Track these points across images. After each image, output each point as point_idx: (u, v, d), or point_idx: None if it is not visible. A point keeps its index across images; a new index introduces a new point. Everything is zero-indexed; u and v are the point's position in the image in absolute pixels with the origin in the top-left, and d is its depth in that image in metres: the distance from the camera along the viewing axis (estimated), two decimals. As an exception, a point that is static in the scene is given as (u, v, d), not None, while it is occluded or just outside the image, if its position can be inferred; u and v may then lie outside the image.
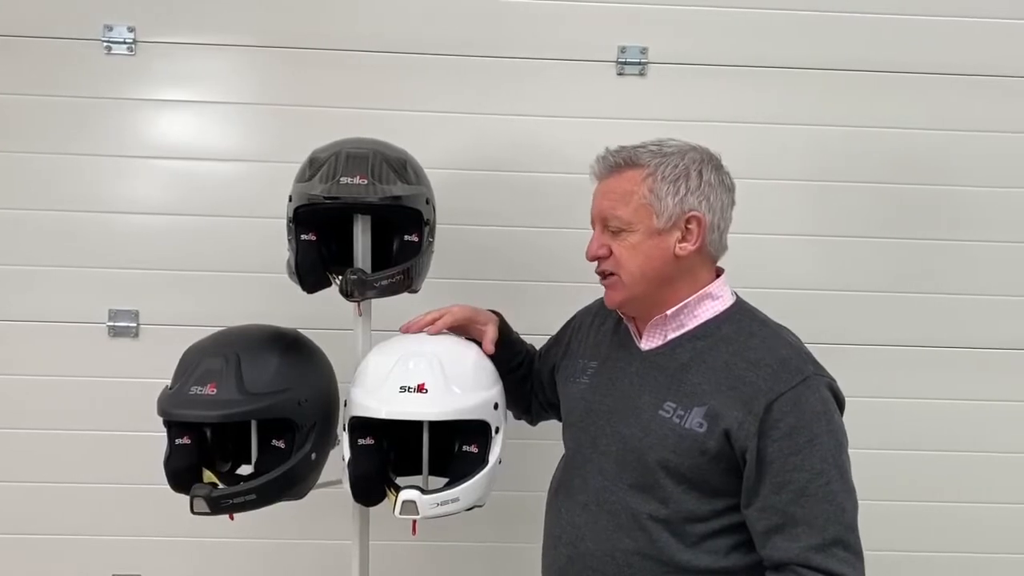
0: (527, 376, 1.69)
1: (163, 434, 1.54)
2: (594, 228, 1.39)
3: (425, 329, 1.56)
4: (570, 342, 1.59)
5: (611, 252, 1.35)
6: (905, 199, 2.20)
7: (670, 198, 1.31)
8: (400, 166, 1.59)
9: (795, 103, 2.17)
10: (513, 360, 1.66)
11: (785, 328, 1.37)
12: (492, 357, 1.58)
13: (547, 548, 1.47)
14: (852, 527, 1.23)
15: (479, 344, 1.59)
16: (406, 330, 1.58)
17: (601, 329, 1.52)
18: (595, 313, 1.57)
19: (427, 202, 1.63)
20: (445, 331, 1.60)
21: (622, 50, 2.14)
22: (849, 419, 1.30)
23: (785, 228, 2.20)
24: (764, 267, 2.16)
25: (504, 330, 1.64)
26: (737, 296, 1.41)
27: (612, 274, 1.36)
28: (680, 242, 1.32)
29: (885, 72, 2.17)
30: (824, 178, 2.19)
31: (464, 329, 1.60)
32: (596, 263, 1.39)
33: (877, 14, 2.15)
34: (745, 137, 2.16)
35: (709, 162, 1.36)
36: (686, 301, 1.35)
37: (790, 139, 2.18)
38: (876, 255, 2.21)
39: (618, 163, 1.35)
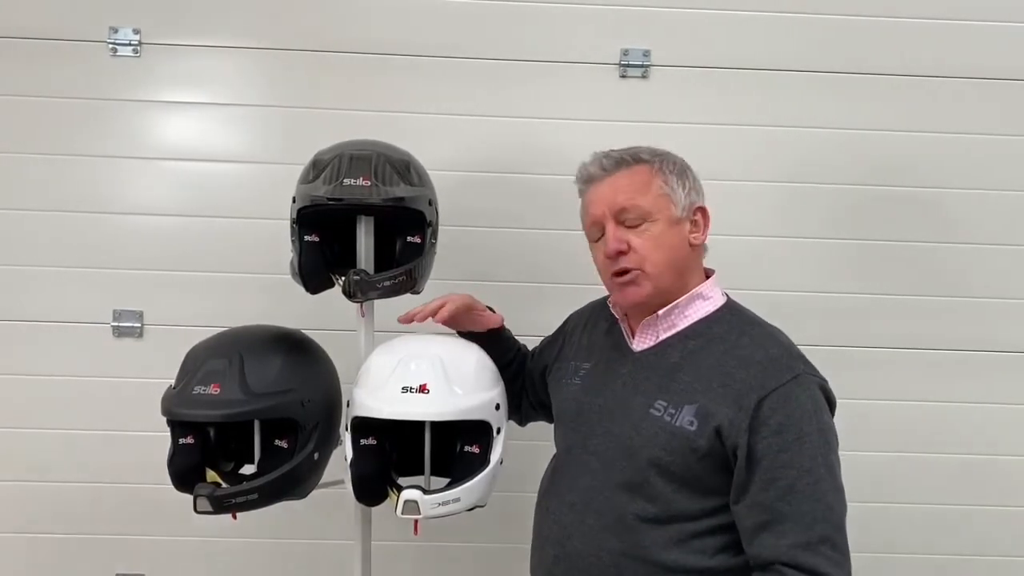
0: (518, 374, 1.69)
1: (167, 434, 1.55)
2: (603, 227, 1.36)
3: (431, 319, 1.56)
4: (563, 344, 1.60)
5: (630, 247, 1.34)
6: (905, 201, 2.19)
7: (681, 189, 1.35)
8: (403, 168, 1.59)
9: (798, 106, 2.17)
10: (505, 357, 1.66)
11: (776, 328, 1.37)
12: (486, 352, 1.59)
13: (535, 548, 1.48)
14: (840, 527, 1.23)
15: (485, 335, 1.61)
16: (407, 321, 1.57)
17: (594, 331, 1.52)
18: (588, 316, 1.58)
19: (430, 203, 1.64)
20: (450, 330, 1.61)
21: (625, 52, 2.15)
22: (842, 422, 1.31)
23: (788, 230, 2.20)
24: (767, 268, 2.17)
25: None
26: (728, 296, 1.42)
27: (632, 270, 1.34)
28: (691, 233, 1.36)
29: (891, 75, 2.17)
30: (827, 180, 2.19)
31: (465, 314, 1.60)
32: (611, 263, 1.35)
33: (885, 17, 2.16)
34: (747, 139, 2.16)
35: (688, 165, 1.41)
36: (677, 301, 1.36)
37: (792, 142, 2.18)
38: (878, 256, 2.21)
39: (625, 159, 1.36)
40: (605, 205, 1.36)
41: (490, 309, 1.67)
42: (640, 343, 1.40)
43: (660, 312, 1.36)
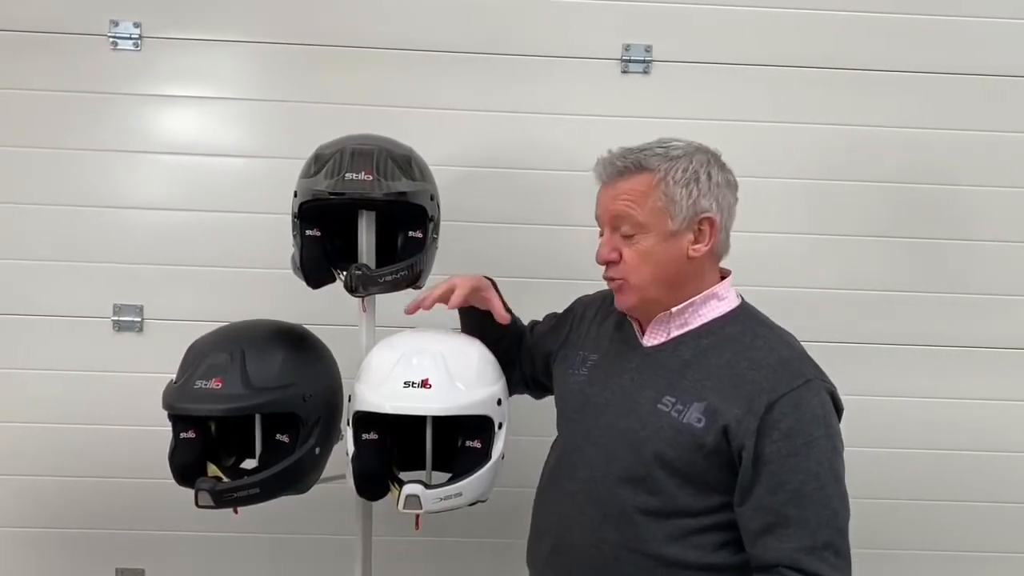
0: (512, 346, 1.65)
1: (168, 428, 1.55)
2: (603, 230, 1.38)
3: (441, 307, 1.53)
4: (571, 331, 1.58)
5: (621, 256, 1.34)
6: (907, 198, 2.20)
7: (684, 201, 1.30)
8: (405, 163, 1.59)
9: (799, 102, 2.17)
10: (497, 331, 1.61)
11: (788, 332, 1.37)
12: (484, 328, 1.57)
13: (532, 539, 1.48)
14: (843, 532, 1.23)
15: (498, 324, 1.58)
16: (413, 311, 1.53)
17: (604, 323, 1.51)
18: (598, 306, 1.56)
19: (431, 198, 1.64)
20: (452, 326, 1.61)
21: (626, 48, 2.15)
22: (852, 418, 1.31)
23: (790, 227, 2.20)
24: (768, 265, 2.17)
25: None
26: (742, 299, 1.41)
27: (617, 279, 1.36)
28: (693, 244, 1.33)
29: (894, 72, 2.17)
30: (829, 177, 2.19)
31: (474, 295, 1.56)
32: (605, 267, 1.38)
33: (887, 14, 2.15)
34: (749, 136, 2.16)
35: (715, 162, 1.35)
36: (692, 300, 1.35)
37: (794, 138, 2.18)
38: (880, 254, 2.21)
39: (627, 167, 1.33)
40: (605, 211, 1.36)
41: (486, 278, 1.61)
42: (651, 339, 1.39)
43: (674, 310, 1.35)
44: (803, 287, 2.20)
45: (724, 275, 1.40)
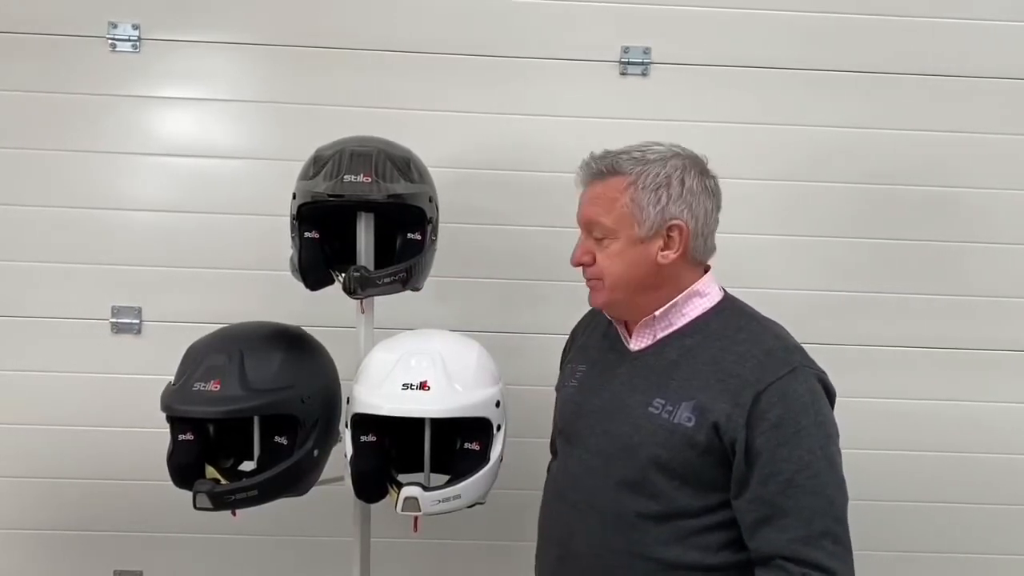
0: None
1: (166, 430, 1.55)
2: (581, 232, 1.38)
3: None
4: (570, 351, 1.58)
5: (595, 259, 1.34)
6: (907, 200, 2.20)
7: (651, 207, 1.29)
8: (404, 164, 1.59)
9: (799, 104, 2.17)
10: None
11: (774, 322, 1.36)
12: None
13: (539, 549, 1.47)
14: (841, 519, 1.23)
15: None
16: None
17: (593, 334, 1.51)
18: (588, 322, 1.56)
19: (430, 200, 1.64)
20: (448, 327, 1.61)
21: (625, 50, 2.15)
22: (846, 420, 1.30)
23: (788, 228, 2.20)
24: (764, 266, 2.17)
25: None
26: (725, 292, 1.41)
27: (592, 280, 1.36)
28: (663, 250, 1.31)
29: (893, 74, 2.17)
30: (828, 179, 2.19)
31: None
32: (581, 268, 1.38)
33: (887, 16, 2.15)
34: (748, 138, 2.16)
35: (692, 168, 1.33)
36: (674, 300, 1.34)
37: (793, 140, 2.18)
38: (878, 255, 2.21)
39: (601, 170, 1.34)
40: (581, 215, 1.37)
41: None
42: (637, 343, 1.39)
43: (657, 313, 1.35)
44: (798, 289, 2.20)
45: (704, 271, 1.39)
